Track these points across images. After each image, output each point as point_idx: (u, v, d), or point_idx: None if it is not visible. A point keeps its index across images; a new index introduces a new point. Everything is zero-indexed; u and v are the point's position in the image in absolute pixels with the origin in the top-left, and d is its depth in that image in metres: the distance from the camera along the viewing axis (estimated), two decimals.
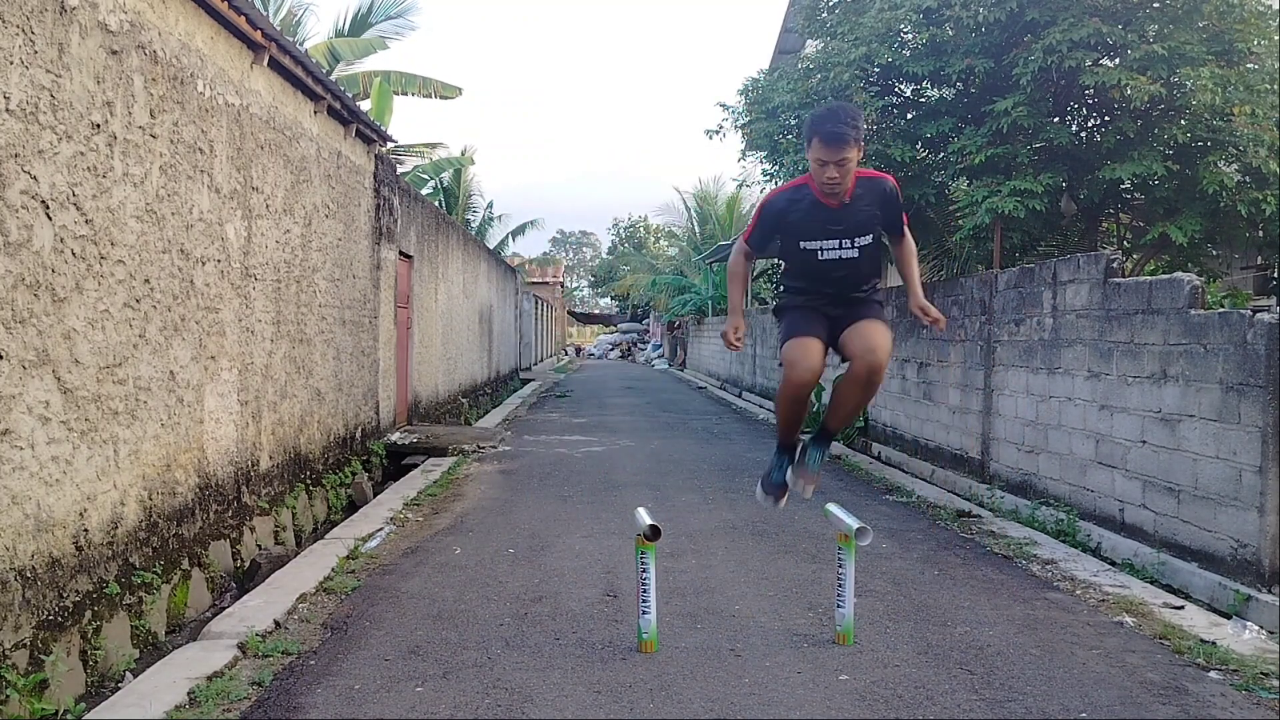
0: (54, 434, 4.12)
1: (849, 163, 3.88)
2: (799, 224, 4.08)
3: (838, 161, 3.85)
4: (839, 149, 3.84)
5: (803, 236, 4.08)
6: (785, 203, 4.13)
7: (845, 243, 4.05)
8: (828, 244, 4.05)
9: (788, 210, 4.11)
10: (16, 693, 3.65)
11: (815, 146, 3.87)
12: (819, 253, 4.07)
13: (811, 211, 4.04)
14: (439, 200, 25.07)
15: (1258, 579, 5.03)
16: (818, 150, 3.87)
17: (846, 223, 4.04)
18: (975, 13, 8.32)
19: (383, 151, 10.61)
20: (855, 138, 3.86)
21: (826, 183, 3.92)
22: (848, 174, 3.92)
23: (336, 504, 8.41)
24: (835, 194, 3.97)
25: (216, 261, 5.97)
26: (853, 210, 4.03)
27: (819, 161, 3.89)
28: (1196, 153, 8.25)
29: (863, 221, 4.05)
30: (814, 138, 3.87)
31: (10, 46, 3.78)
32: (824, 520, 5.02)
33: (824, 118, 3.90)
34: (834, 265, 4.10)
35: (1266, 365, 5.06)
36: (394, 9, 18.16)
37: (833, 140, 3.83)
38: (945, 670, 4.05)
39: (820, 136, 3.84)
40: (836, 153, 3.84)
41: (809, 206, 4.05)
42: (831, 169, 3.87)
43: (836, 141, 3.83)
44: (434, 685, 3.83)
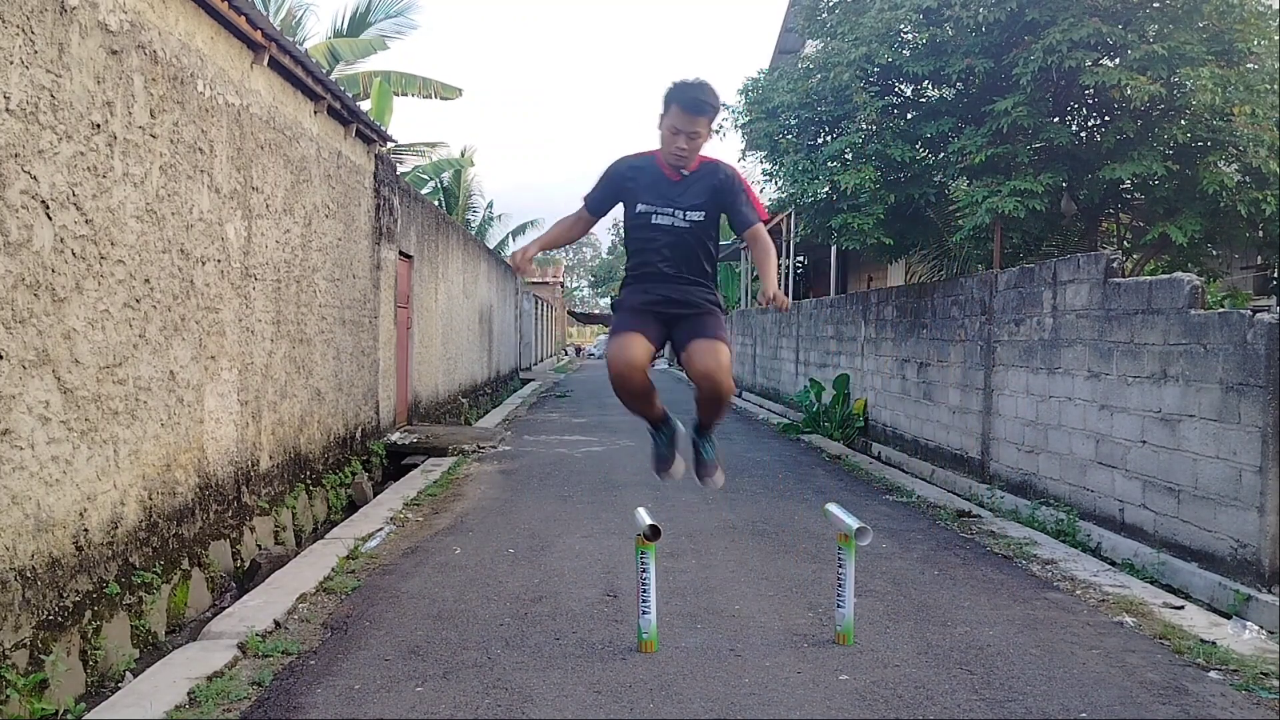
0: (54, 434, 4.12)
1: (700, 136, 3.96)
2: (639, 188, 4.13)
3: (690, 132, 3.92)
4: (694, 119, 3.91)
5: (640, 198, 4.12)
6: (629, 167, 4.19)
7: (678, 213, 4.08)
8: (662, 209, 4.08)
9: (631, 174, 4.16)
10: (16, 693, 3.65)
11: (673, 113, 3.93)
12: (653, 216, 4.09)
13: (653, 178, 4.11)
14: (439, 200, 25.07)
15: (1258, 579, 5.03)
16: (675, 117, 3.92)
17: (683, 194, 4.09)
18: (975, 13, 8.32)
19: (383, 151, 10.61)
20: (712, 112, 3.96)
21: (675, 152, 3.97)
22: (696, 148, 3.99)
23: (336, 504, 8.41)
24: (681, 163, 4.03)
25: (216, 261, 5.97)
26: (690, 184, 4.09)
27: (672, 129, 3.95)
28: (1196, 153, 8.25)
29: (698, 196, 4.09)
30: (673, 104, 3.92)
31: (10, 46, 3.78)
32: (824, 520, 5.03)
33: (687, 85, 3.95)
34: (666, 234, 4.09)
35: (1266, 365, 5.06)
36: (393, 8, 18.17)
37: (692, 108, 3.89)
38: (945, 670, 4.05)
39: (680, 103, 3.90)
40: (691, 123, 3.91)
41: (651, 173, 4.12)
42: (683, 139, 3.94)
43: (695, 110, 3.89)
44: (434, 685, 3.83)
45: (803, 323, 16.18)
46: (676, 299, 4.11)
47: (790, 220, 16.37)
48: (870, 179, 9.20)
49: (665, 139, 4.00)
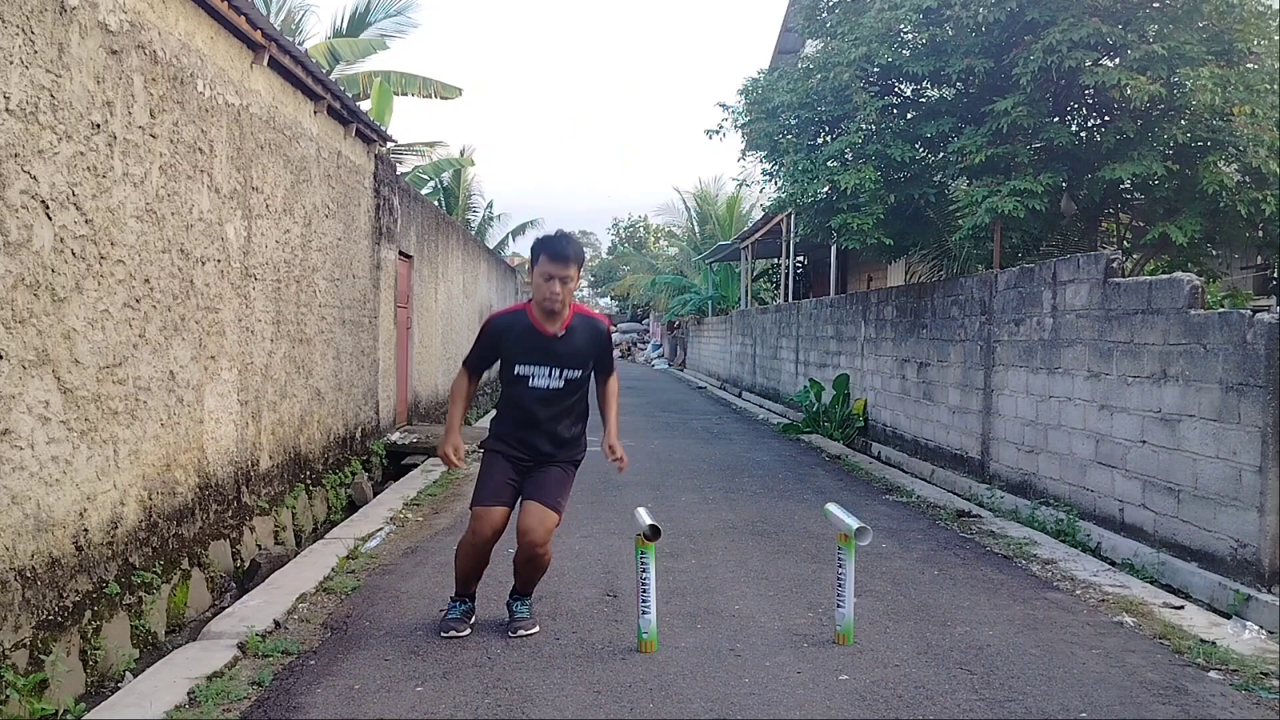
0: (54, 434, 4.12)
1: (571, 281, 4.20)
2: (514, 346, 4.32)
3: (561, 277, 4.16)
4: (563, 265, 4.16)
5: (517, 359, 4.31)
6: (504, 322, 4.40)
7: (554, 372, 4.28)
8: (539, 370, 4.28)
9: (505, 330, 4.37)
10: (16, 693, 3.65)
11: (543, 261, 4.18)
12: (530, 379, 4.29)
13: (527, 336, 4.30)
14: (439, 200, 25.07)
15: (1258, 579, 5.04)
16: (545, 265, 4.18)
17: (559, 353, 4.29)
18: (975, 13, 8.32)
19: (383, 151, 10.61)
20: (578, 259, 4.23)
21: (549, 296, 4.18)
22: (569, 293, 4.23)
23: (336, 504, 8.41)
24: (554, 311, 4.23)
25: (216, 261, 5.97)
26: (567, 342, 4.30)
27: (544, 275, 4.18)
28: (1196, 153, 8.25)
29: (575, 354, 4.31)
30: (541, 254, 4.20)
31: (10, 46, 3.78)
32: (824, 520, 5.03)
33: (549, 239, 4.27)
34: (542, 395, 4.31)
35: (1266, 365, 5.06)
36: (393, 7, 18.19)
37: (559, 256, 4.16)
38: (945, 670, 4.05)
39: (548, 253, 4.18)
40: (561, 268, 4.15)
41: (524, 330, 4.31)
42: (556, 283, 4.16)
43: (561, 257, 4.16)
44: (434, 685, 3.83)
45: (802, 323, 16.18)
46: (542, 450, 4.37)
47: (790, 220, 16.37)
48: (870, 179, 9.20)
49: (538, 286, 4.22)
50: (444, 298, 14.93)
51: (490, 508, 4.32)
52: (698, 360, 31.09)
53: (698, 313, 31.27)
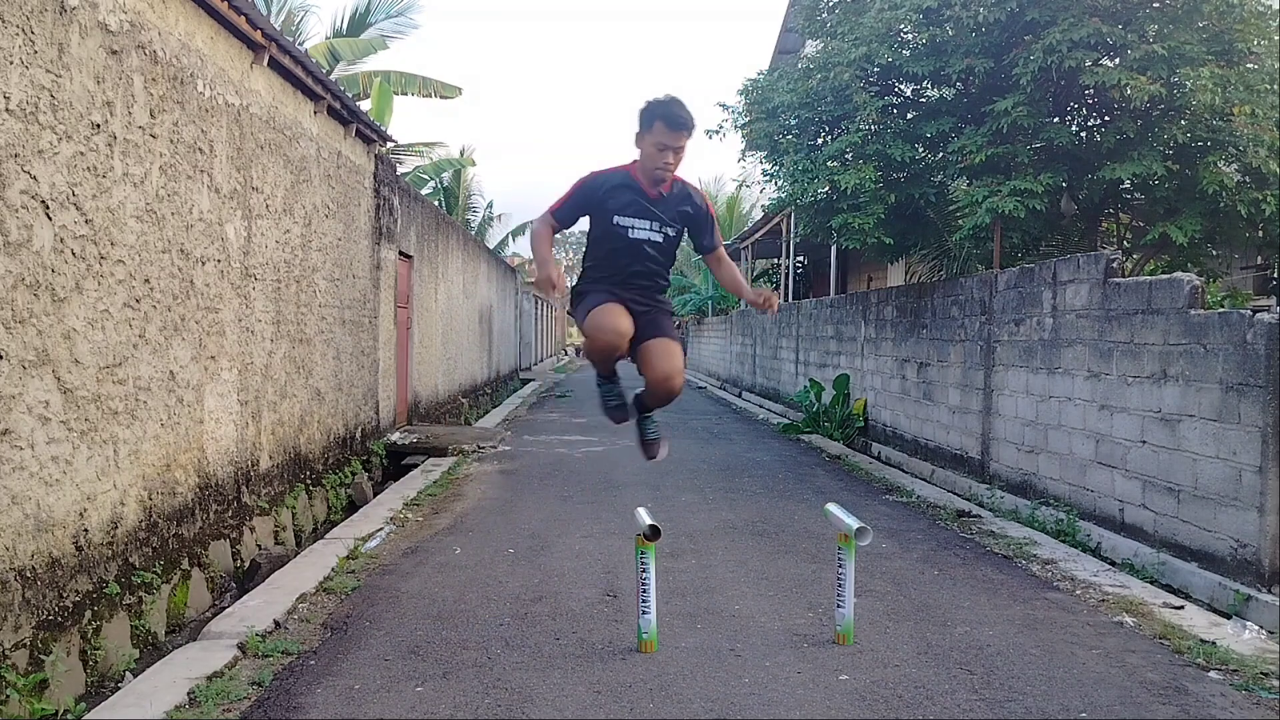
0: (54, 434, 4.12)
1: (683, 151, 4.13)
2: (617, 202, 4.25)
3: (675, 148, 4.09)
4: (679, 134, 4.06)
5: (619, 212, 4.24)
6: (606, 181, 4.30)
7: (654, 225, 4.25)
8: (639, 223, 4.23)
9: (607, 188, 4.27)
10: (16, 693, 3.65)
11: (658, 129, 4.06)
12: (630, 230, 4.24)
13: (631, 192, 4.24)
14: (439, 200, 25.07)
15: (1258, 579, 5.03)
16: (660, 134, 4.06)
17: (661, 210, 4.26)
18: (975, 13, 8.32)
19: (383, 151, 10.61)
20: (692, 127, 4.11)
21: (661, 166, 4.12)
22: (679, 162, 4.17)
23: (336, 504, 8.41)
24: (663, 178, 4.18)
25: (216, 261, 5.97)
26: (668, 202, 4.26)
27: (658, 145, 4.08)
28: (1196, 153, 8.25)
29: (675, 214, 4.28)
30: (657, 120, 4.06)
31: (10, 46, 3.78)
32: (824, 520, 5.03)
33: (670, 102, 4.10)
34: (641, 247, 4.27)
35: (1266, 365, 5.06)
36: (394, 8, 18.17)
37: (676, 124, 4.04)
38: (945, 670, 4.05)
39: (665, 120, 4.05)
40: (676, 138, 4.06)
41: (628, 187, 4.25)
42: (669, 154, 4.10)
43: (679, 125, 4.05)
44: (434, 685, 3.83)
45: (802, 323, 16.18)
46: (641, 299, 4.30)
47: (790, 220, 16.37)
48: (870, 179, 9.20)
49: (649, 155, 4.13)
50: (444, 298, 14.93)
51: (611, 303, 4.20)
52: (698, 360, 31.09)
53: (698, 313, 31.27)
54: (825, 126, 10.47)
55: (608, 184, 4.28)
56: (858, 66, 9.26)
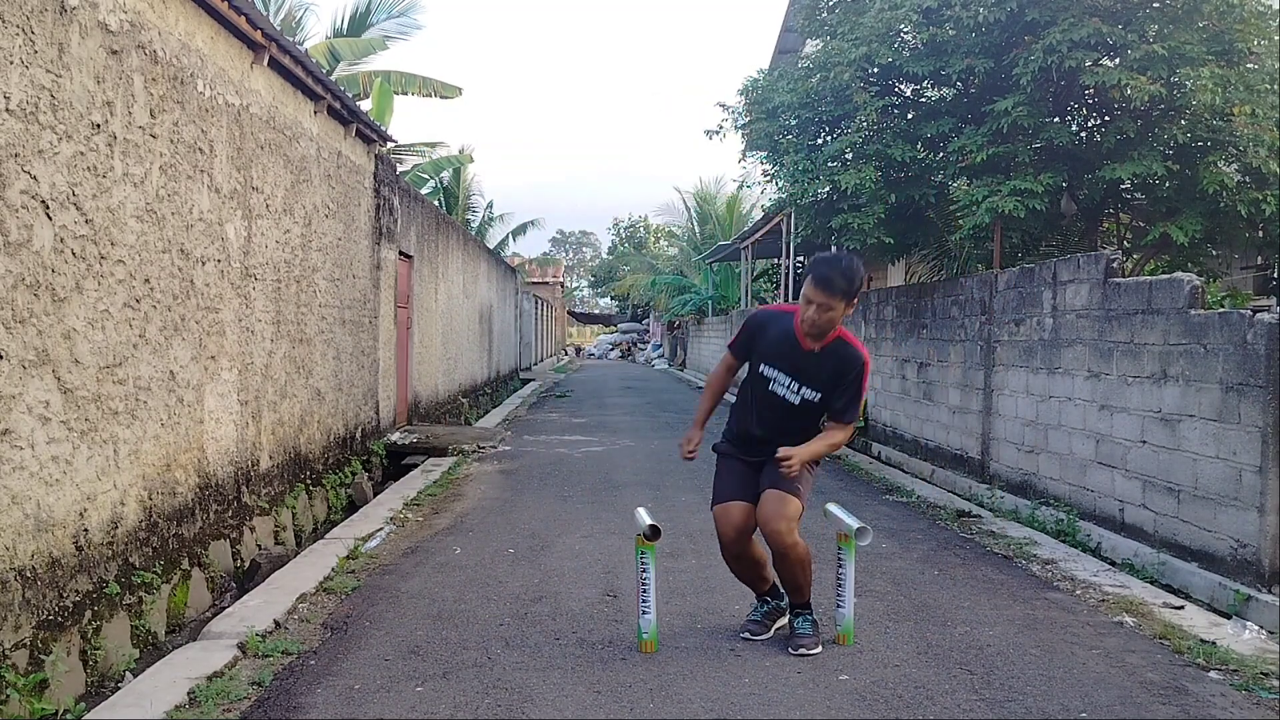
0: (54, 434, 4.12)
1: (833, 312, 4.00)
2: (768, 344, 4.21)
3: (821, 304, 3.98)
4: (826, 294, 3.97)
5: (766, 359, 4.20)
6: (767, 317, 4.29)
7: (794, 385, 4.14)
8: (782, 378, 4.16)
9: (766, 325, 4.25)
10: (16, 693, 3.65)
11: (808, 284, 4.01)
12: (771, 382, 4.18)
13: (784, 339, 4.16)
14: (439, 200, 25.06)
15: (1258, 579, 5.03)
16: (809, 289, 4.00)
17: (805, 368, 4.13)
18: (975, 13, 8.32)
19: (383, 151, 10.61)
20: (844, 291, 3.97)
21: (806, 320, 4.03)
22: (829, 322, 4.03)
23: (336, 504, 8.41)
24: (813, 335, 4.07)
25: (216, 261, 5.97)
26: (818, 360, 4.12)
27: (806, 299, 4.02)
28: (1196, 153, 8.24)
29: (819, 376, 4.13)
30: (810, 275, 4.02)
31: (10, 46, 3.78)
32: (824, 520, 5.02)
33: (824, 261, 4.03)
34: (777, 404, 4.18)
35: (1266, 365, 5.06)
36: (395, 8, 18.17)
37: (822, 284, 3.97)
38: (945, 670, 4.05)
39: (813, 276, 4.00)
40: (824, 296, 3.97)
41: (783, 333, 4.17)
42: (814, 310, 3.99)
43: (824, 286, 3.96)
44: (434, 685, 3.83)
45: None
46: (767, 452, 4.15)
47: (790, 220, 16.36)
48: (870, 179, 9.19)
49: (803, 305, 4.06)
50: (444, 298, 14.93)
51: (727, 504, 4.25)
52: (698, 360, 31.09)
53: (698, 313, 31.27)
54: (825, 126, 10.47)
55: (767, 323, 4.26)
56: (858, 66, 9.26)
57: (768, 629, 4.40)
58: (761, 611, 4.44)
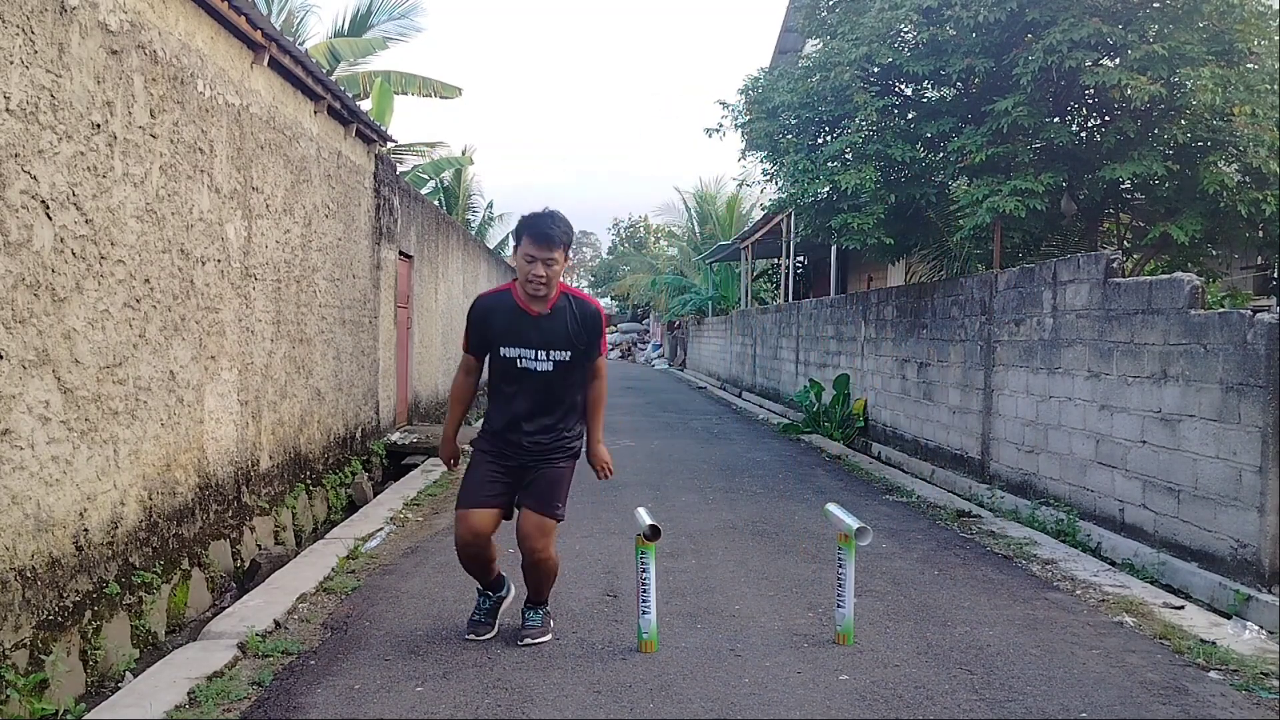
0: (54, 434, 4.12)
1: (556, 265, 4.02)
2: (500, 327, 4.14)
3: (545, 259, 3.99)
4: (547, 248, 3.98)
5: (502, 341, 4.14)
6: (489, 303, 4.22)
7: (541, 354, 4.10)
8: (525, 352, 4.11)
9: (490, 311, 4.18)
10: (16, 693, 3.65)
11: (525, 242, 4.00)
12: (517, 360, 4.12)
13: (512, 316, 4.12)
14: (439, 200, 25.06)
15: (1258, 579, 5.03)
16: (527, 246, 4.00)
17: (545, 333, 4.10)
18: (975, 13, 8.31)
19: (383, 151, 10.61)
20: (564, 241, 4.02)
21: (532, 280, 4.01)
22: (554, 277, 4.04)
23: (336, 504, 8.41)
24: (538, 295, 4.05)
25: (216, 261, 5.97)
26: (553, 322, 4.11)
27: (527, 257, 4.00)
28: (1196, 153, 8.24)
29: (562, 336, 4.11)
30: (525, 235, 4.01)
31: (10, 46, 3.78)
32: (824, 520, 5.03)
33: (536, 217, 4.03)
34: (533, 379, 4.14)
35: (1266, 365, 5.06)
36: (396, 10, 18.18)
37: (541, 239, 3.98)
38: (945, 670, 4.05)
39: (531, 234, 3.99)
40: (545, 250, 3.98)
41: (509, 311, 4.13)
42: (539, 266, 3.99)
43: (544, 241, 3.98)
44: (434, 685, 3.83)
45: (802, 323, 16.18)
46: (533, 445, 4.20)
47: (790, 220, 16.37)
48: (871, 179, 9.19)
49: (521, 267, 4.05)
50: (444, 298, 14.94)
51: (468, 510, 4.21)
52: (698, 360, 31.08)
53: (698, 313, 31.27)
54: (825, 126, 10.47)
55: (491, 308, 4.19)
56: (858, 66, 9.26)
57: (492, 626, 4.43)
58: (484, 610, 4.45)
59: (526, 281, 4.04)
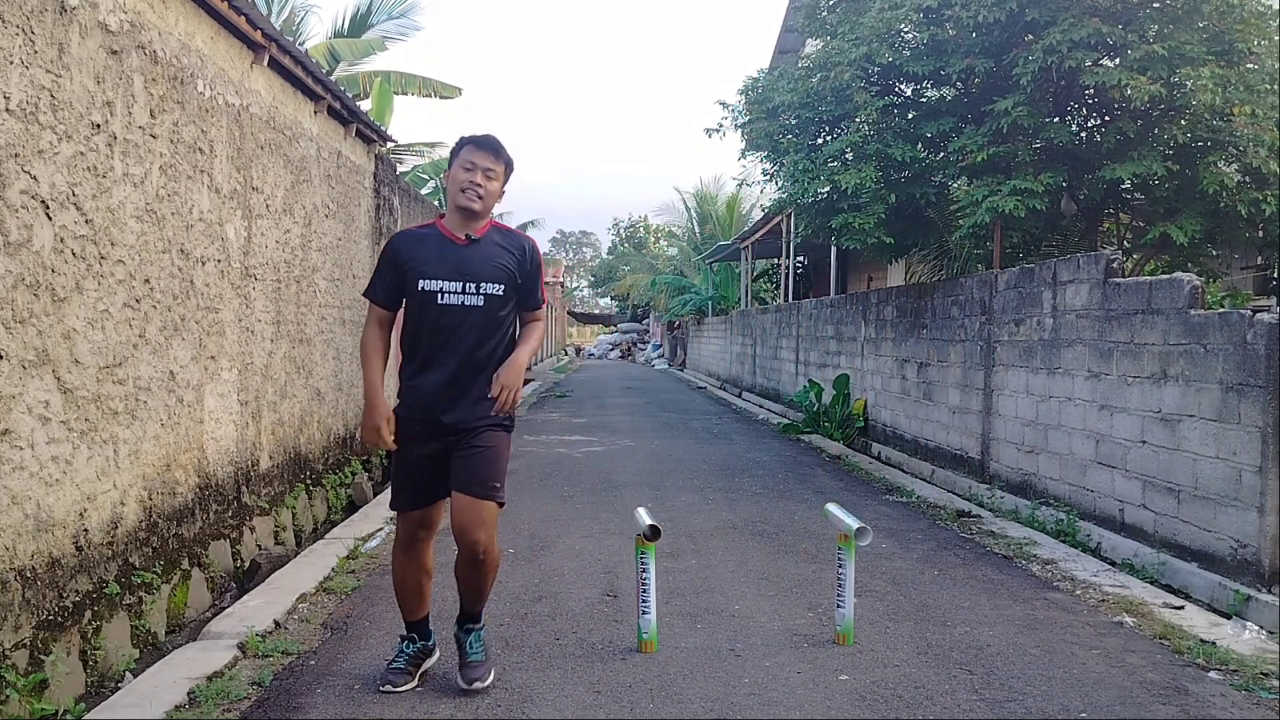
0: (54, 434, 4.12)
1: (495, 181, 3.66)
2: (421, 257, 3.64)
3: (485, 169, 3.62)
4: (488, 155, 3.64)
5: (423, 274, 3.61)
6: (410, 234, 3.79)
7: (470, 287, 3.61)
8: (449, 285, 3.60)
9: (410, 242, 3.73)
10: (16, 693, 3.65)
11: (465, 151, 3.65)
12: (439, 295, 3.60)
13: (435, 245, 3.67)
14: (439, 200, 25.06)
15: (1258, 579, 5.03)
16: (467, 154, 3.64)
17: (474, 262, 3.64)
18: (975, 13, 8.32)
19: (383, 151, 10.61)
20: (507, 160, 3.70)
21: (467, 189, 3.60)
22: (491, 194, 3.65)
23: (336, 504, 8.41)
24: (471, 211, 3.62)
25: (216, 261, 5.97)
26: (483, 250, 3.66)
27: (466, 165, 3.63)
28: (1196, 153, 8.24)
29: (494, 267, 3.65)
30: (465, 145, 3.68)
31: (10, 46, 3.78)
32: (824, 520, 5.03)
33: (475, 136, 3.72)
34: (455, 316, 3.61)
35: (1266, 365, 5.06)
36: (395, 9, 18.16)
37: (485, 145, 3.66)
38: (945, 670, 4.05)
39: (473, 143, 3.66)
40: (485, 158, 3.64)
41: (433, 239, 3.69)
42: (477, 174, 3.61)
43: (488, 147, 3.66)
44: (434, 685, 3.83)
45: (802, 323, 16.18)
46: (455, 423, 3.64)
47: (790, 220, 16.37)
48: (871, 179, 9.20)
49: (455, 178, 3.64)
50: None
51: (408, 512, 3.74)
52: (698, 360, 31.09)
53: (698, 313, 31.27)
54: (825, 126, 10.47)
55: (411, 238, 3.74)
56: (858, 66, 9.26)
57: (413, 675, 3.78)
58: (406, 656, 3.81)
59: (460, 191, 3.61)
